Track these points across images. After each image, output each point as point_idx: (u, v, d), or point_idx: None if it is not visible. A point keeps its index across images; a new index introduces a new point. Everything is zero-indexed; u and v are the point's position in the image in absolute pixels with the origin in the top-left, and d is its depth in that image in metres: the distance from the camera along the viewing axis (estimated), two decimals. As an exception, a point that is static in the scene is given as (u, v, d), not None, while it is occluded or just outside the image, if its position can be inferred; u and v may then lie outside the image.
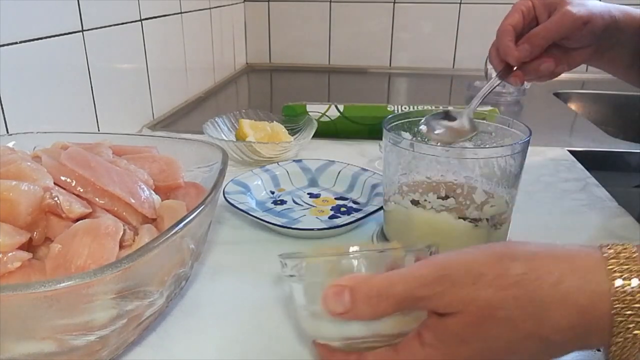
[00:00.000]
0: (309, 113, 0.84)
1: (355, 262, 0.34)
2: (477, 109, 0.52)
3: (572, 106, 1.24)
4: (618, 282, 0.27)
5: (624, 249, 0.28)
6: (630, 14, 0.55)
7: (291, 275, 0.35)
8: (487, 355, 0.29)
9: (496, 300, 0.28)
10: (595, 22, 0.53)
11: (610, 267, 0.27)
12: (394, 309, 0.30)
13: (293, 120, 0.84)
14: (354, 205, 0.61)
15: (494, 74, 0.59)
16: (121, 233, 0.37)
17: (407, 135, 0.52)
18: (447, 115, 0.52)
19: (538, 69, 0.57)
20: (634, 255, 0.27)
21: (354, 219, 0.55)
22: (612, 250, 0.28)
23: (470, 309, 0.28)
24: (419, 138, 0.52)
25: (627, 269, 0.27)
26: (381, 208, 0.54)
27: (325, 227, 0.54)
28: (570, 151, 0.80)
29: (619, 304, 0.26)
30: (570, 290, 0.27)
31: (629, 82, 0.63)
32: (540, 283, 0.28)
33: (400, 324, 0.32)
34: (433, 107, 0.57)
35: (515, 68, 0.57)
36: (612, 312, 0.26)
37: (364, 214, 0.55)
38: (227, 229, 0.57)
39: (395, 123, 0.51)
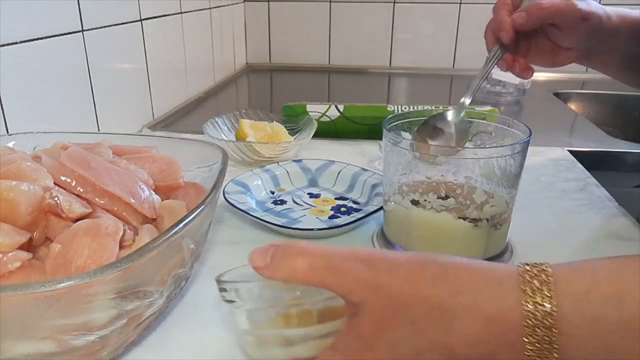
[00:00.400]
0: (309, 113, 0.84)
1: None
2: (477, 109, 0.52)
3: (572, 106, 1.24)
4: (529, 305, 0.26)
5: (542, 271, 0.27)
6: (626, 18, 0.55)
7: (231, 301, 0.33)
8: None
9: (406, 297, 0.28)
10: (593, 22, 0.53)
11: (524, 287, 0.26)
12: (306, 275, 0.29)
13: (293, 120, 0.84)
14: (354, 205, 0.61)
15: (494, 74, 0.59)
16: (121, 233, 0.37)
17: (407, 135, 0.52)
18: (435, 127, 0.52)
19: (525, 66, 0.57)
20: (549, 280, 0.26)
21: (354, 219, 0.55)
22: (528, 269, 0.27)
23: (380, 300, 0.28)
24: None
25: (540, 290, 0.26)
26: (381, 208, 0.54)
27: (325, 227, 0.54)
28: (570, 151, 0.80)
29: (530, 319, 0.26)
30: (480, 300, 0.27)
31: (619, 80, 0.63)
32: (451, 289, 0.27)
33: None
34: (433, 107, 0.56)
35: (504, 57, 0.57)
36: (524, 324, 0.26)
37: (364, 214, 0.55)
38: (227, 229, 0.57)
39: (395, 123, 0.51)
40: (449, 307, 0.27)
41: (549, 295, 0.26)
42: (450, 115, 0.52)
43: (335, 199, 0.63)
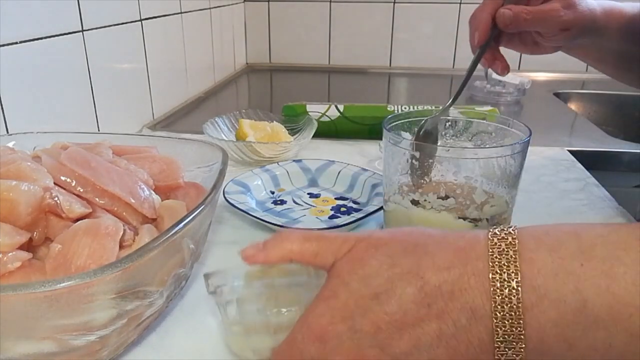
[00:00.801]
0: (309, 113, 0.84)
1: (285, 282, 0.34)
2: (477, 109, 0.52)
3: (572, 106, 1.24)
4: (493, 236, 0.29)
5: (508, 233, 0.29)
6: (613, 14, 0.55)
7: (218, 292, 0.34)
8: (365, 293, 0.29)
9: (384, 238, 0.31)
10: (575, 29, 0.53)
11: (491, 238, 0.29)
12: (301, 246, 0.32)
13: (293, 120, 0.84)
14: (354, 205, 0.61)
15: (494, 74, 0.59)
16: (121, 233, 0.37)
17: (407, 135, 0.52)
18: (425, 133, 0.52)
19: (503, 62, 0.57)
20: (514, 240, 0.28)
21: (354, 219, 0.55)
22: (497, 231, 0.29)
23: (362, 243, 0.31)
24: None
25: (504, 239, 0.28)
26: (381, 208, 0.54)
27: (325, 227, 0.54)
28: (570, 151, 0.80)
29: (494, 247, 0.28)
30: (451, 238, 0.30)
31: (596, 69, 0.63)
32: (426, 237, 0.30)
33: None
34: (433, 107, 0.56)
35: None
36: (489, 252, 0.28)
37: (364, 214, 0.55)
38: (227, 229, 0.57)
39: (395, 123, 0.51)
40: (422, 244, 0.30)
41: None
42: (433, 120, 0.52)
43: (335, 199, 0.63)
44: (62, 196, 0.38)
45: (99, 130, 0.77)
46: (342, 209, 0.60)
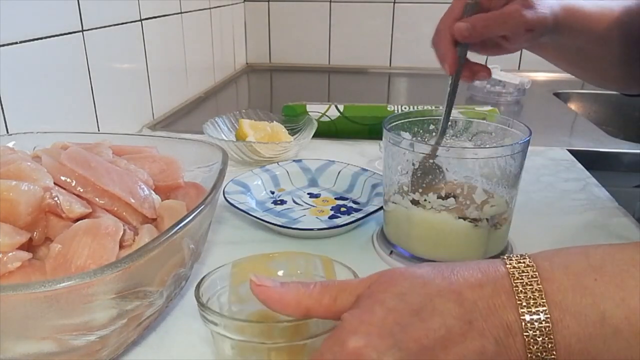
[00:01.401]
0: (309, 113, 0.84)
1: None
2: (477, 109, 0.52)
3: (572, 106, 1.24)
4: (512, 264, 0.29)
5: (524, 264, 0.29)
6: (574, 13, 0.54)
7: (218, 333, 0.33)
8: (404, 309, 0.28)
9: (406, 268, 0.31)
10: (538, 31, 0.52)
11: (508, 263, 0.29)
12: (317, 293, 0.31)
13: (293, 120, 0.84)
14: (354, 205, 0.61)
15: (494, 74, 0.59)
16: (121, 233, 0.37)
17: (407, 135, 0.52)
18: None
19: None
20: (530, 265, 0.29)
21: (354, 219, 0.55)
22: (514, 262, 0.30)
23: (383, 276, 0.30)
24: (419, 138, 0.52)
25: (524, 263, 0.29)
26: (381, 208, 0.54)
27: (325, 227, 0.54)
28: (570, 151, 0.80)
29: (514, 269, 0.29)
30: (472, 262, 0.30)
31: (555, 65, 0.62)
32: (447, 264, 0.31)
33: None
34: (433, 107, 0.56)
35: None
36: (510, 273, 0.28)
37: (364, 214, 0.55)
38: (227, 229, 0.57)
39: (395, 123, 0.51)
40: (446, 266, 0.30)
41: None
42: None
43: (335, 199, 0.63)
44: (62, 196, 0.38)
45: (99, 130, 0.77)
46: (342, 209, 0.60)
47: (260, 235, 0.55)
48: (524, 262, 0.29)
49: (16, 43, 0.59)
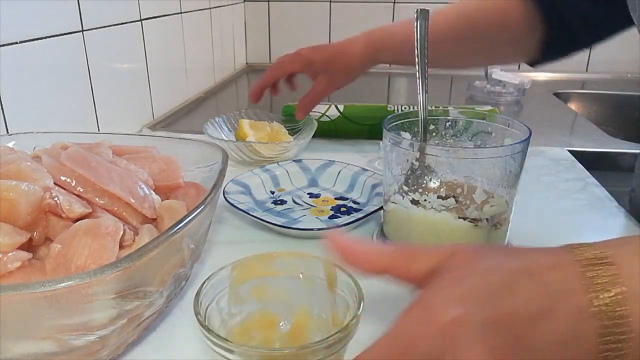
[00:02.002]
0: (309, 113, 0.84)
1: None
2: (477, 109, 0.52)
3: (572, 106, 1.24)
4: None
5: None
6: (391, 37, 0.59)
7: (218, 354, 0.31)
8: (494, 282, 0.28)
9: (483, 249, 0.31)
10: (354, 73, 0.57)
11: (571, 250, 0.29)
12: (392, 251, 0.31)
13: (293, 120, 0.84)
14: (354, 205, 0.61)
15: (494, 74, 0.59)
16: (121, 233, 0.37)
17: (407, 135, 0.52)
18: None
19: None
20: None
21: (354, 219, 0.55)
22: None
23: (468, 248, 0.30)
24: (419, 138, 0.52)
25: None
26: (381, 208, 0.54)
27: (325, 227, 0.54)
28: (570, 151, 0.80)
29: (579, 255, 0.28)
30: (538, 248, 0.30)
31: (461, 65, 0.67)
32: (513, 247, 0.31)
33: None
34: (433, 107, 0.56)
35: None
36: (576, 258, 0.28)
37: (364, 214, 0.55)
38: (227, 229, 0.57)
39: (395, 123, 0.51)
40: (517, 249, 0.31)
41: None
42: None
43: (335, 199, 0.63)
44: (62, 196, 0.38)
45: (99, 130, 0.77)
46: (342, 209, 0.60)
47: (260, 235, 0.55)
48: (586, 249, 0.28)
49: (16, 43, 0.59)
